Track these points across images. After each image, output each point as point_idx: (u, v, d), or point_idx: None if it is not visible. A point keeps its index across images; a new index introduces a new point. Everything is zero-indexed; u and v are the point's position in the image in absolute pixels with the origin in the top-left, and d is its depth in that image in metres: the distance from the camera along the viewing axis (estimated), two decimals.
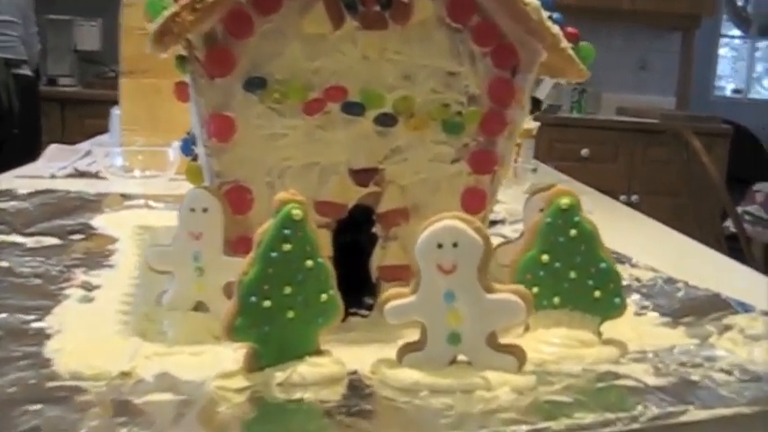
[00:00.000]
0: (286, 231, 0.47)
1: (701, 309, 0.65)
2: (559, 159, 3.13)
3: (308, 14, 0.57)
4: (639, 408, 0.46)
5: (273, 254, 0.47)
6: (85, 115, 3.27)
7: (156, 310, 0.59)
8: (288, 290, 0.48)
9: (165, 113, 1.31)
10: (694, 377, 0.51)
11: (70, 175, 1.27)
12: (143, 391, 0.46)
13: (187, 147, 0.72)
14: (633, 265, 0.80)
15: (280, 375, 0.48)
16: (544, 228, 0.55)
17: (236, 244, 0.58)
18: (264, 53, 0.57)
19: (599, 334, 0.56)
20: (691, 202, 2.85)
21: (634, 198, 3.71)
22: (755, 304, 0.67)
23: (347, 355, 0.52)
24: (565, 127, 3.60)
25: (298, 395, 0.47)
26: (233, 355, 0.51)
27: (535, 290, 0.55)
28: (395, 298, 0.49)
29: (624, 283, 0.61)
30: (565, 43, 0.61)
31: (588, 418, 0.45)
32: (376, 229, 0.63)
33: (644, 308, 0.67)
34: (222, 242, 0.57)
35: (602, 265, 0.55)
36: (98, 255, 0.79)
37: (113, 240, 0.85)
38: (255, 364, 0.48)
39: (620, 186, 3.69)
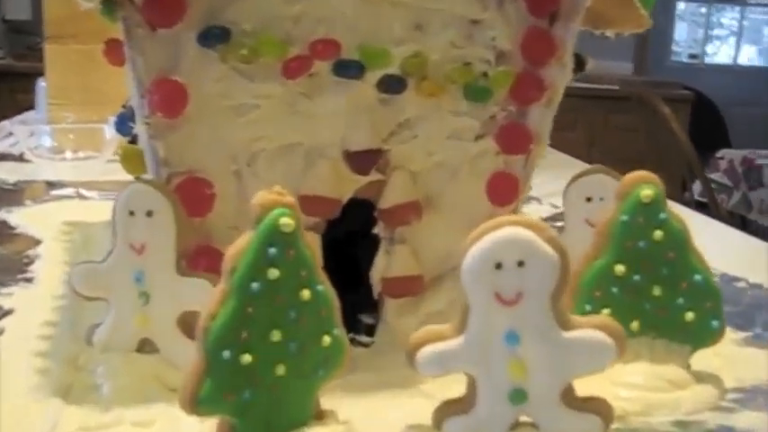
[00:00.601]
0: (272, 251, 0.32)
1: None
2: None
3: None
4: None
5: (254, 285, 0.31)
6: (17, 90, 3.02)
7: (87, 352, 0.43)
8: (276, 336, 0.32)
9: (99, 83, 1.12)
10: None
11: None
12: None
13: (123, 124, 0.55)
14: None
15: None
16: (619, 228, 0.40)
17: (194, 258, 0.43)
18: None
19: (689, 368, 0.42)
20: (656, 169, 2.75)
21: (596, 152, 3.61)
22: None
23: (357, 414, 0.37)
24: None
25: None
26: (198, 426, 0.35)
27: (606, 312, 0.41)
28: (431, 341, 0.34)
29: None
30: None
31: None
32: (378, 230, 0.48)
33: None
34: (174, 256, 0.41)
35: (697, 277, 0.40)
36: (12, 264, 0.62)
37: (34, 243, 0.68)
38: None
39: (581, 155, 3.59)
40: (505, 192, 0.49)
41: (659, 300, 0.41)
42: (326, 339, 0.34)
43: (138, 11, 0.40)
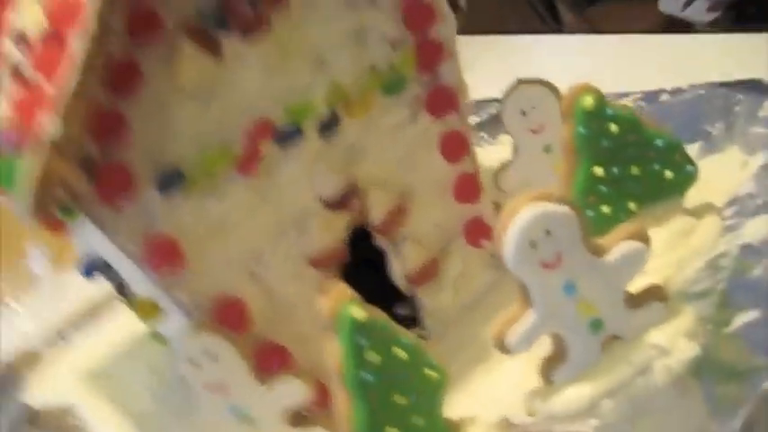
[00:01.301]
0: (362, 342, 0.35)
1: (719, 113, 0.58)
2: None
3: (177, 61, 0.42)
4: None
5: (367, 376, 0.35)
6: None
7: None
8: (401, 400, 0.37)
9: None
10: None
11: None
12: None
13: (91, 273, 0.57)
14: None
15: None
16: (581, 140, 0.45)
17: (264, 362, 0.46)
18: (155, 140, 0.43)
19: (689, 212, 0.48)
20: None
21: None
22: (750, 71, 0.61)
23: (472, 404, 0.42)
24: None
25: None
26: None
27: (606, 209, 0.46)
28: (510, 324, 0.39)
29: None
30: None
31: None
32: (379, 242, 0.52)
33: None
34: (250, 375, 0.44)
35: (658, 142, 0.46)
36: None
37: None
38: None
39: None
40: (459, 147, 0.54)
41: (639, 176, 0.46)
42: (433, 374, 0.38)
43: (96, 201, 0.41)
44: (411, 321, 0.55)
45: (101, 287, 0.91)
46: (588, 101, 0.44)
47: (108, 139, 0.40)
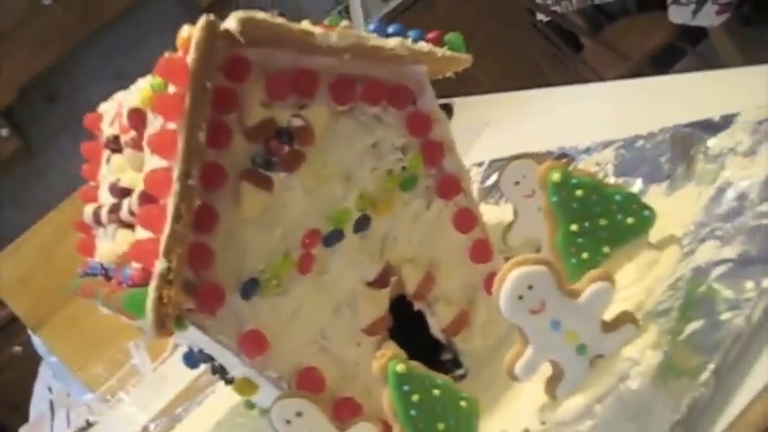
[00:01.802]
0: (405, 387, 0.49)
1: (681, 153, 0.70)
2: None
3: (243, 200, 0.57)
4: (749, 283, 0.51)
5: (412, 411, 0.49)
6: None
7: None
8: (442, 426, 0.50)
9: (93, 327, 1.27)
10: (754, 222, 0.55)
11: None
12: None
13: (192, 360, 0.72)
14: (576, 158, 0.83)
15: None
16: (556, 206, 0.58)
17: (339, 412, 0.59)
18: (234, 261, 0.57)
19: (652, 247, 0.60)
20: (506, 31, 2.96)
21: None
22: (710, 112, 0.72)
23: (502, 423, 0.55)
24: None
25: None
26: None
27: (585, 255, 0.59)
28: (516, 359, 0.51)
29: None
30: (439, 51, 0.63)
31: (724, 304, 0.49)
32: (418, 306, 0.65)
33: (638, 189, 0.71)
34: (331, 426, 0.58)
35: (617, 197, 0.59)
36: None
37: None
38: None
39: None
40: (469, 221, 0.67)
41: (607, 225, 0.59)
42: (463, 403, 0.51)
43: (197, 312, 0.56)
44: (453, 364, 0.68)
45: (191, 375, 1.08)
46: (555, 175, 0.57)
47: (200, 266, 0.55)
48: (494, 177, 0.94)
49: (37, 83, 3.72)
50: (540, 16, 3.04)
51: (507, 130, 1.15)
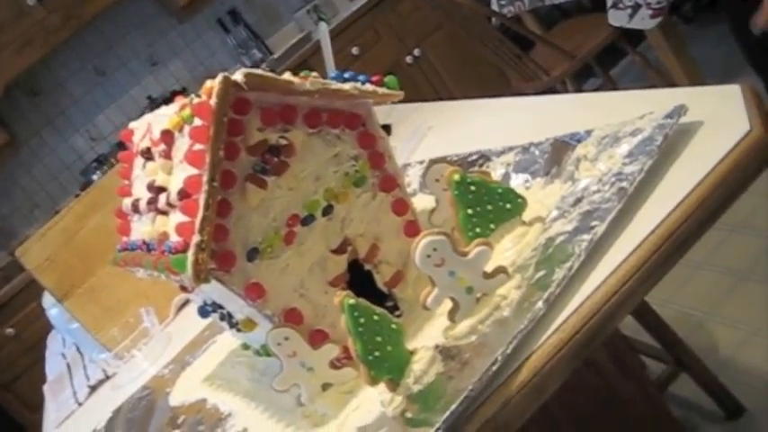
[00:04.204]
0: (355, 314, 0.77)
1: (556, 157, 0.99)
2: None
3: (247, 195, 0.85)
4: (573, 247, 0.80)
5: (360, 329, 0.77)
6: None
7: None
8: (386, 344, 0.78)
9: (110, 297, 1.54)
10: (588, 207, 0.84)
11: (92, 392, 1.50)
12: None
13: (204, 312, 1.00)
14: (491, 158, 1.12)
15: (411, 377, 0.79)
16: (457, 198, 0.87)
17: (313, 338, 0.88)
18: (243, 235, 0.85)
19: (524, 223, 0.89)
20: (467, 36, 3.23)
21: (416, 52, 4.03)
22: (578, 127, 1.01)
23: (421, 341, 0.83)
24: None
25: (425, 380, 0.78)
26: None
27: (478, 230, 0.87)
28: (428, 295, 0.80)
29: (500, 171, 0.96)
30: (380, 90, 0.91)
31: (558, 260, 0.78)
32: (367, 267, 0.94)
33: (527, 181, 1.00)
34: (306, 345, 0.86)
35: (499, 190, 0.87)
36: None
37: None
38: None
39: (399, 50, 4.02)
40: (403, 207, 0.95)
41: (492, 210, 0.87)
42: (394, 325, 0.80)
43: (217, 272, 0.84)
44: (393, 308, 0.96)
45: (192, 333, 1.35)
46: (456, 176, 0.86)
47: (220, 239, 0.83)
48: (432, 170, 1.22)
49: (20, 79, 3.92)
50: (494, 20, 3.33)
51: (446, 133, 1.43)
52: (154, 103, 4.05)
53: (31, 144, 4.13)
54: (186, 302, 1.55)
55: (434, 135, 1.47)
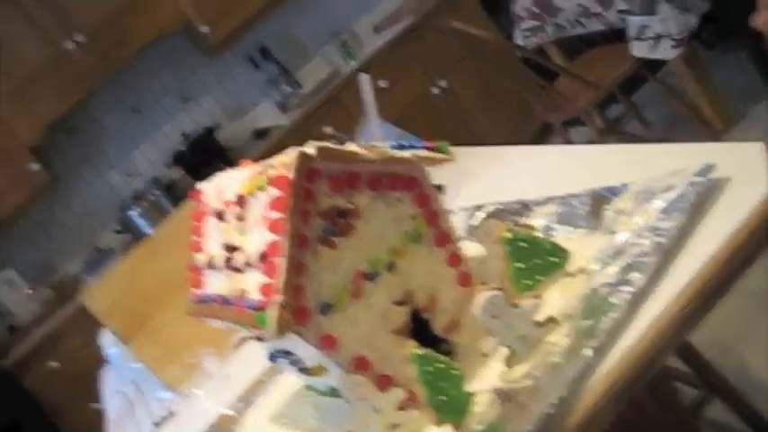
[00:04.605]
0: (422, 362, 0.86)
1: (595, 209, 1.08)
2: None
3: (319, 255, 0.94)
4: (619, 297, 0.88)
5: (427, 376, 0.86)
6: None
7: None
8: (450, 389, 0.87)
9: (170, 338, 1.64)
10: (628, 260, 0.93)
11: (156, 429, 1.60)
12: None
13: (274, 357, 1.10)
14: (532, 208, 1.21)
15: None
16: (508, 251, 0.96)
17: (381, 383, 0.97)
18: (315, 292, 0.95)
19: (569, 274, 0.98)
20: (493, 68, 3.33)
21: (443, 83, 4.14)
22: (619, 180, 1.10)
23: (479, 384, 0.92)
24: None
25: None
26: None
27: (528, 282, 0.96)
28: (486, 343, 0.89)
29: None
30: (434, 156, 1.01)
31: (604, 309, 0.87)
32: (426, 315, 1.03)
33: (569, 233, 1.09)
34: (377, 391, 0.95)
35: (546, 244, 0.97)
36: None
37: None
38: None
39: (425, 82, 4.12)
40: (457, 260, 1.04)
41: (540, 263, 0.96)
42: (455, 371, 0.89)
43: (294, 324, 0.93)
44: (449, 353, 1.05)
45: (251, 374, 1.44)
46: (507, 234, 0.95)
47: (297, 296, 0.92)
48: (475, 217, 1.31)
49: (58, 118, 4.06)
50: (518, 53, 3.43)
51: (485, 179, 1.53)
52: (187, 140, 4.18)
53: (69, 180, 4.27)
54: (242, 342, 1.65)
55: (476, 181, 1.57)
